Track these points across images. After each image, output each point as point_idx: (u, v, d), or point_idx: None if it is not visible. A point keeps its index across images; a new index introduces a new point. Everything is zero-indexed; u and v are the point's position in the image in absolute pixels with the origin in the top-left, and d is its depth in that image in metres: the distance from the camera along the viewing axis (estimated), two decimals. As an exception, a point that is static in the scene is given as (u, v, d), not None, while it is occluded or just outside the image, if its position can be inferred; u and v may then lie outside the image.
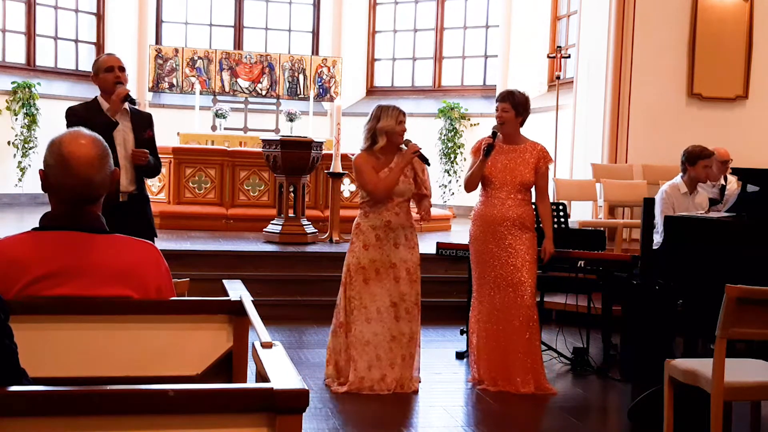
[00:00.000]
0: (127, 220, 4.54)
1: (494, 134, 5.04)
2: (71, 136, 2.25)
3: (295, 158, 7.95)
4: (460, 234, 9.57)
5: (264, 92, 13.15)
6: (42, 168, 2.28)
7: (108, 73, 4.63)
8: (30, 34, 12.73)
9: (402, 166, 4.82)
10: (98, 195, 2.30)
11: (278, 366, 1.77)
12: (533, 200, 5.21)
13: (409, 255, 4.92)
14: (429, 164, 4.96)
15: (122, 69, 4.68)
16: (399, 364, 4.88)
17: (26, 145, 11.75)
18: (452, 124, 13.19)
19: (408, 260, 4.92)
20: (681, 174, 6.03)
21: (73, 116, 4.54)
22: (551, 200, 5.41)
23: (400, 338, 4.88)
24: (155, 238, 4.77)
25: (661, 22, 8.96)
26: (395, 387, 4.86)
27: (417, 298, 4.96)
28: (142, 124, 4.77)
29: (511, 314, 4.99)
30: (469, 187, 5.14)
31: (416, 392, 4.90)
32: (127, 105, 4.66)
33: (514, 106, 5.06)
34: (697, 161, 5.93)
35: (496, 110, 5.11)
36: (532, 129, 5.21)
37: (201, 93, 12.27)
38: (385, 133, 4.82)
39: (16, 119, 11.80)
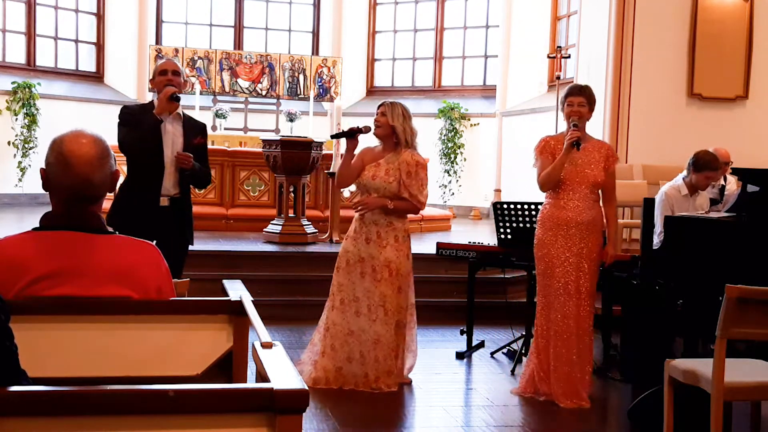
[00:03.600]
0: (164, 224, 4.59)
1: (576, 126, 4.79)
2: (72, 135, 2.25)
3: (295, 158, 7.95)
4: (460, 234, 9.58)
5: (264, 92, 13.15)
6: (43, 167, 2.28)
7: (162, 76, 4.74)
8: (30, 34, 12.73)
9: (344, 153, 4.96)
10: (98, 195, 2.29)
11: (278, 366, 1.77)
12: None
13: (377, 253, 4.87)
14: (337, 137, 4.97)
15: (176, 73, 4.77)
16: (358, 360, 4.84)
17: (26, 145, 11.75)
18: (452, 124, 13.19)
19: (375, 257, 4.87)
20: (684, 175, 5.99)
21: (127, 114, 4.70)
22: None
23: (359, 334, 4.85)
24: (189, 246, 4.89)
25: (661, 22, 8.96)
26: (356, 383, 4.82)
27: (382, 299, 4.83)
28: (194, 130, 4.82)
29: (579, 321, 4.82)
30: (548, 185, 4.83)
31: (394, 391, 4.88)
32: (181, 110, 4.75)
33: (589, 102, 4.86)
34: (703, 170, 5.83)
35: (570, 104, 4.84)
36: (532, 129, 5.18)
37: (201, 93, 12.26)
38: None
39: (16, 119, 11.81)
